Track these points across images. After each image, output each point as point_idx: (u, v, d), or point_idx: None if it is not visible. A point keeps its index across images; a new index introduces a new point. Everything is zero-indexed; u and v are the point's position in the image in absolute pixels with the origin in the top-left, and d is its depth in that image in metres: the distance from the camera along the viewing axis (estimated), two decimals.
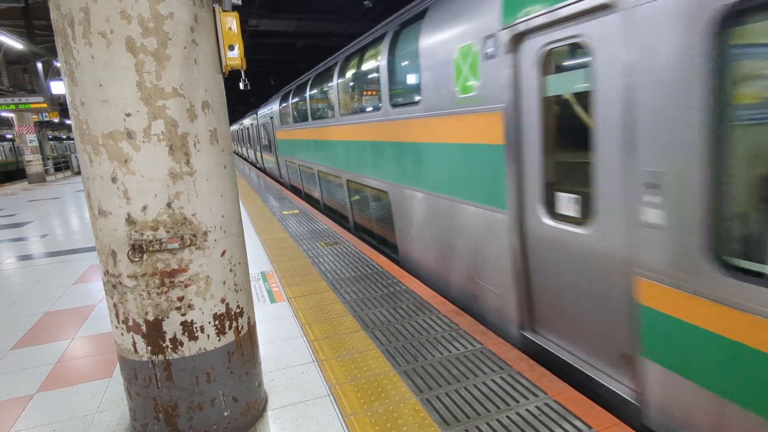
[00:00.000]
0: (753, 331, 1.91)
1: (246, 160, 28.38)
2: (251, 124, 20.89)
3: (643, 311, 2.40)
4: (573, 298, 2.96)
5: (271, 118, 14.45)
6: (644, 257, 2.38)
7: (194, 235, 2.20)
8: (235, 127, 34.32)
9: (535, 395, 2.65)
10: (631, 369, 2.59)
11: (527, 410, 2.52)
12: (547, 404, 2.56)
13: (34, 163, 19.57)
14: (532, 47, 3.00)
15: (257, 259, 5.71)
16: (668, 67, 2.12)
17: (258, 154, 20.59)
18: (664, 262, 2.26)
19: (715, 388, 2.10)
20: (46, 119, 19.28)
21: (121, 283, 2.17)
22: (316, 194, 9.41)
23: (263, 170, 19.59)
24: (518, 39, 3.11)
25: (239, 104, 37.19)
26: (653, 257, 2.33)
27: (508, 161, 3.30)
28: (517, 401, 2.61)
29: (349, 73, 6.98)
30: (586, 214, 2.78)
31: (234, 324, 2.41)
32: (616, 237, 2.56)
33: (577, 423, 2.39)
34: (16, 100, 15.79)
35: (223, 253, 2.33)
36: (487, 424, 2.43)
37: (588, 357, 2.92)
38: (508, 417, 2.48)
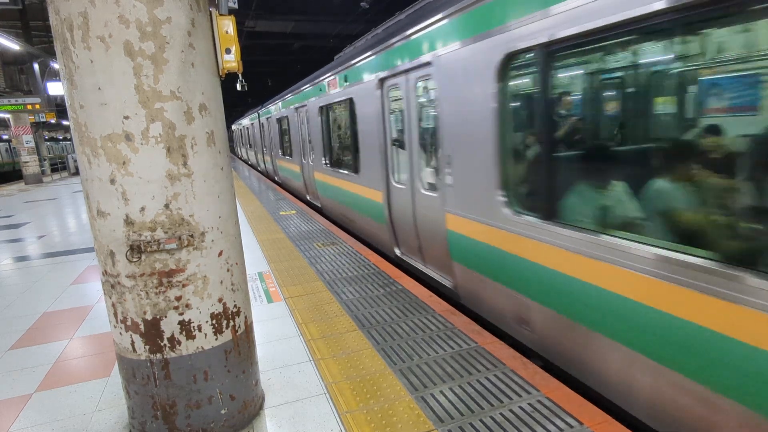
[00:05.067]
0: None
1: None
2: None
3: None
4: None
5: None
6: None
7: (192, 236, 2.23)
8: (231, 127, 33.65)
9: (528, 392, 2.69)
10: None
11: (520, 407, 2.56)
12: (539, 401, 2.60)
13: (30, 164, 19.51)
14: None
15: (255, 260, 5.74)
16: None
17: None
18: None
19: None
20: (42, 120, 19.23)
21: (119, 283, 2.20)
22: None
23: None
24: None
25: (237, 105, 37.12)
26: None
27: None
28: (511, 398, 2.65)
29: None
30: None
31: (231, 323, 2.44)
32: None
33: (569, 419, 2.43)
34: (13, 100, 15.73)
35: (220, 254, 2.36)
36: (481, 421, 2.47)
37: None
38: (501, 414, 2.52)
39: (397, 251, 5.69)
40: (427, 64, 4.25)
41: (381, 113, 5.50)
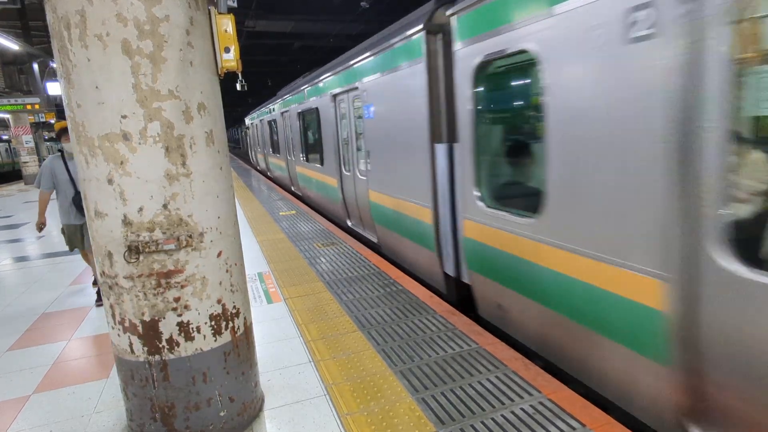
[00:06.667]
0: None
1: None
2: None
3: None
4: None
5: None
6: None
7: (190, 236, 2.21)
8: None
9: (530, 394, 2.67)
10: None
11: (522, 409, 2.54)
12: (541, 403, 2.58)
13: (30, 165, 19.46)
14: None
15: (254, 260, 5.72)
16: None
17: None
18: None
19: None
20: (42, 120, 19.20)
21: (117, 284, 2.18)
22: None
23: None
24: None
25: (237, 105, 37.06)
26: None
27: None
28: (512, 400, 2.63)
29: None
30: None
31: (230, 324, 2.42)
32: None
33: (572, 422, 2.41)
34: (12, 100, 15.70)
35: (219, 254, 2.34)
36: (483, 422, 2.45)
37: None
38: (503, 416, 2.50)
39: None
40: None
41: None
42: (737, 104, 1.87)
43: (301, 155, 10.53)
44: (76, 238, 4.58)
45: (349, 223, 7.56)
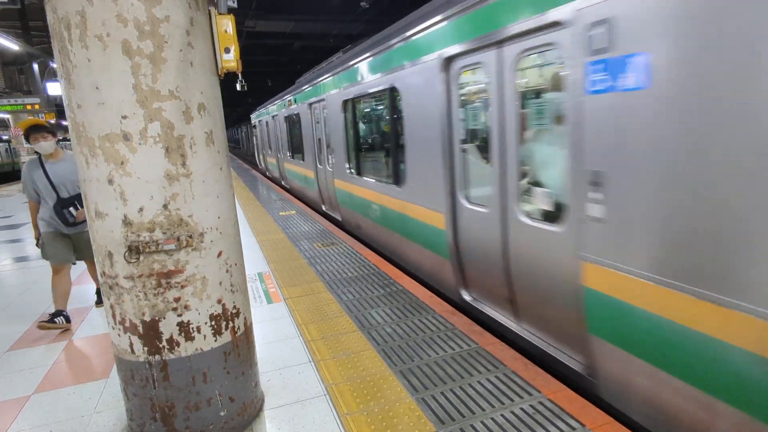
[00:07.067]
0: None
1: None
2: None
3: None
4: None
5: None
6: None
7: (190, 236, 2.21)
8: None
9: (530, 394, 2.67)
10: None
11: (522, 409, 2.54)
12: (541, 403, 2.58)
13: None
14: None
15: (254, 260, 5.72)
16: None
17: None
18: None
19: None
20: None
21: (117, 284, 2.18)
22: None
23: None
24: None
25: (236, 105, 37.03)
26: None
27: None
28: (512, 400, 2.63)
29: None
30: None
31: (230, 324, 2.42)
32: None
33: (571, 421, 2.41)
34: (12, 101, 15.71)
35: (219, 254, 2.34)
36: (482, 422, 2.45)
37: None
38: (502, 416, 2.50)
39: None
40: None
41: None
42: None
43: (347, 165, 6.99)
44: (64, 247, 4.11)
45: (467, 297, 4.16)
